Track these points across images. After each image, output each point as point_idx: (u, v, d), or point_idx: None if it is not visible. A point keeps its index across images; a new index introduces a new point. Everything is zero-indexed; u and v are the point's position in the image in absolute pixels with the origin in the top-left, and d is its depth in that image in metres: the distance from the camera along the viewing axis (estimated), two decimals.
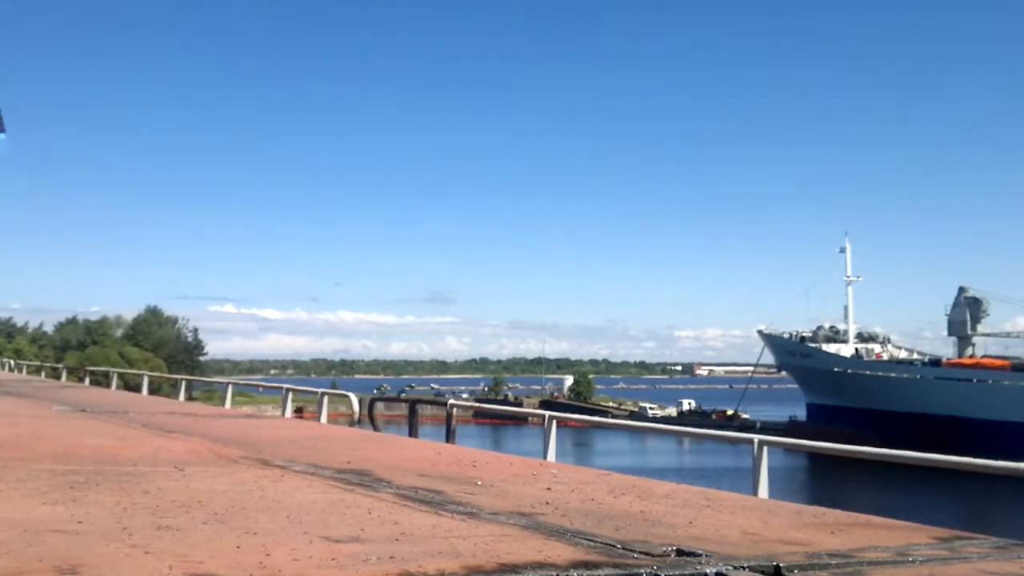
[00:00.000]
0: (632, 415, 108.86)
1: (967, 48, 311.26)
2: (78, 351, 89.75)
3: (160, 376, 45.40)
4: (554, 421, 11.75)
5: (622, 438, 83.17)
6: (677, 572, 4.18)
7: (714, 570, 4.20)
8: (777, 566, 4.31)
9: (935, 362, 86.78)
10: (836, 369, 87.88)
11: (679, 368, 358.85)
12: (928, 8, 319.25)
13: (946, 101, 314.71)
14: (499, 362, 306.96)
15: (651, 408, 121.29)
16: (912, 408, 79.67)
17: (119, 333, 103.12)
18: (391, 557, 4.25)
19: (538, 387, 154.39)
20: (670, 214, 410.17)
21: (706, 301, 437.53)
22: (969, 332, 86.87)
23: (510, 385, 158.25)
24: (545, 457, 11.37)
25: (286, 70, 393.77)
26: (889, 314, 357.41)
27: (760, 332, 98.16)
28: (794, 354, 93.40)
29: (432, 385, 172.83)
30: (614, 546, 4.80)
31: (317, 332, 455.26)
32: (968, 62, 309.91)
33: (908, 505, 36.79)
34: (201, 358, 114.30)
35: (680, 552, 4.69)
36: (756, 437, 9.33)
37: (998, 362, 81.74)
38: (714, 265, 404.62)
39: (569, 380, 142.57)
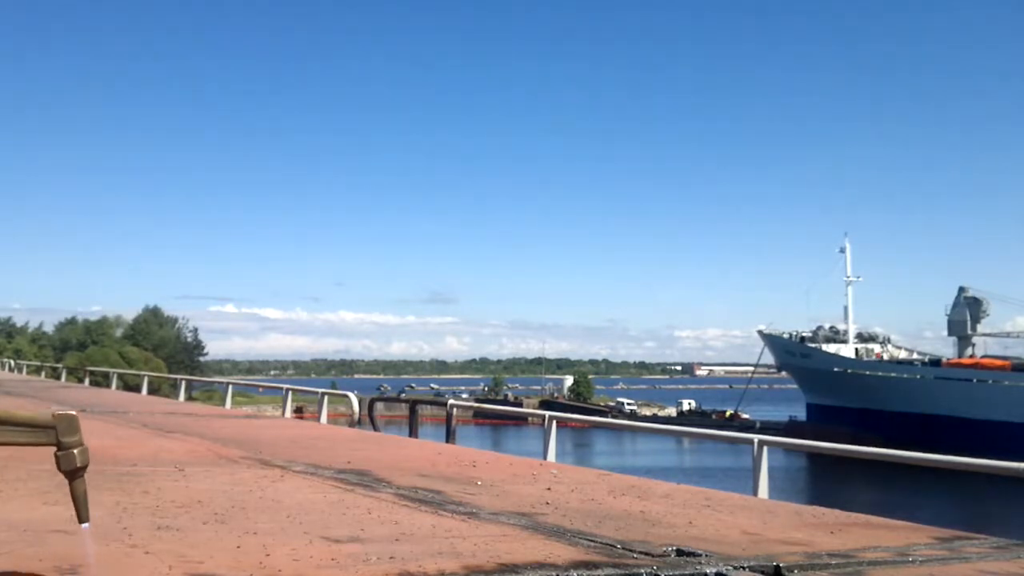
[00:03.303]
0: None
1: (967, 48, 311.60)
2: (78, 351, 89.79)
3: (160, 376, 45.43)
4: (554, 421, 11.76)
5: (622, 438, 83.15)
6: (677, 572, 4.18)
7: (714, 570, 4.20)
8: (777, 566, 4.31)
9: (935, 362, 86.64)
10: (836, 369, 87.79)
11: (679, 368, 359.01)
12: (928, 9, 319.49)
13: (946, 101, 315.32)
14: (499, 362, 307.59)
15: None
16: (912, 408, 79.59)
17: (119, 333, 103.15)
18: (391, 557, 4.25)
19: (538, 387, 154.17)
20: (670, 214, 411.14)
21: (706, 301, 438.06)
22: (969, 332, 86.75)
23: (510, 385, 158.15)
24: (545, 457, 11.38)
25: (287, 71, 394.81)
26: (889, 314, 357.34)
27: (760, 332, 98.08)
28: (794, 354, 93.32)
29: (432, 385, 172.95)
30: (614, 546, 4.80)
31: (317, 332, 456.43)
32: (968, 62, 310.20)
33: (908, 505, 36.72)
34: (201, 358, 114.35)
35: (680, 552, 4.69)
36: (756, 437, 9.34)
37: (998, 362, 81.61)
38: (714, 265, 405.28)
39: (569, 380, 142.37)
